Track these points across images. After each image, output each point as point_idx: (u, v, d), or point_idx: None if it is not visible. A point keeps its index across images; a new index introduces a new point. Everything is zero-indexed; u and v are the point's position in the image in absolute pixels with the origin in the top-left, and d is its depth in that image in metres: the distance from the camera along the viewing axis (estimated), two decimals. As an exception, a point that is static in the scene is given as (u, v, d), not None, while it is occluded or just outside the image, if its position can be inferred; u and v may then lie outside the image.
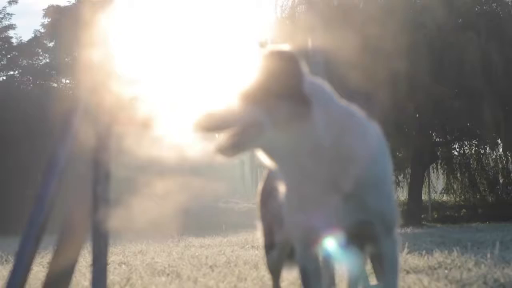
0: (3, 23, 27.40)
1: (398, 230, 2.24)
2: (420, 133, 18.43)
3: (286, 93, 1.92)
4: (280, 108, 1.91)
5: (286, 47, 1.98)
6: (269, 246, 2.89)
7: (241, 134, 1.92)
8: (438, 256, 5.54)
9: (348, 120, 2.03)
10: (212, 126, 1.93)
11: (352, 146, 2.01)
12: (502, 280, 3.79)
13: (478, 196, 21.17)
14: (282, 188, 2.18)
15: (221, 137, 1.95)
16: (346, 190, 2.03)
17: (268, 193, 2.72)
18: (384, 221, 2.15)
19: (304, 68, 2.01)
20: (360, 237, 2.18)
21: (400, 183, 21.00)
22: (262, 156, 2.03)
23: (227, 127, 1.93)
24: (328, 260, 2.26)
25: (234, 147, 1.94)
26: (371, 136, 2.10)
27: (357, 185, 2.03)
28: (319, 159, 1.97)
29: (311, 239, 2.14)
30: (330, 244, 2.16)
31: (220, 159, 1.94)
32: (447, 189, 22.06)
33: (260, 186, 2.94)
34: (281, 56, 1.96)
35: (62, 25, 24.66)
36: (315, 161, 1.97)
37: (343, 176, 2.01)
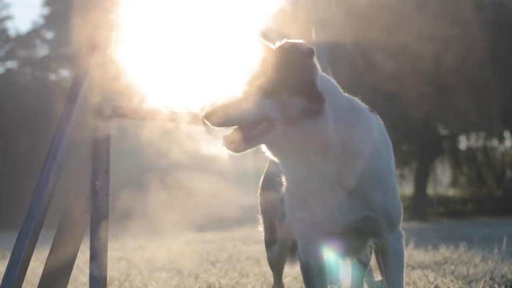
0: (1, 13, 27.29)
1: (402, 225, 2.21)
2: (425, 126, 18.33)
3: (300, 89, 1.88)
4: (293, 104, 1.87)
5: (301, 41, 1.92)
6: (271, 241, 2.84)
7: (252, 130, 1.88)
8: (444, 252, 5.49)
9: (354, 116, 2.00)
10: (223, 120, 1.87)
11: (358, 142, 1.98)
12: (509, 276, 3.73)
13: (484, 190, 21.07)
14: (284, 182, 2.14)
15: (230, 131, 1.90)
16: (351, 186, 2.00)
17: (269, 187, 2.67)
18: (388, 216, 2.11)
19: (317, 63, 1.96)
20: (364, 232, 2.15)
21: (405, 177, 20.93)
22: (267, 151, 1.98)
23: (238, 121, 1.87)
24: (331, 258, 2.23)
25: (244, 143, 1.89)
26: (375, 130, 2.08)
27: (361, 180, 2.00)
28: (326, 156, 1.95)
29: (314, 235, 2.11)
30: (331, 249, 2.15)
31: (229, 153, 1.89)
32: (453, 183, 21.98)
33: (261, 180, 2.89)
34: (297, 50, 1.91)
35: (62, 16, 24.62)
36: (322, 158, 1.95)
37: (348, 172, 1.98)
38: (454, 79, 16.20)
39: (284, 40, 1.94)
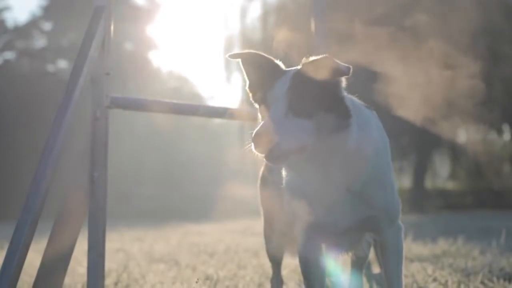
0: (-1, 4, 26.94)
1: (401, 218, 2.22)
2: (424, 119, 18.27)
3: (335, 106, 1.90)
4: (328, 122, 1.88)
5: (330, 57, 1.90)
6: (270, 233, 2.83)
7: (291, 149, 1.87)
8: (442, 244, 5.49)
9: (361, 122, 2.01)
10: (271, 148, 1.84)
11: (364, 146, 2.00)
12: (508, 269, 3.73)
13: (483, 183, 21.05)
14: (287, 180, 2.15)
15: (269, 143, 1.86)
16: (357, 189, 2.03)
17: (269, 178, 2.65)
18: (388, 212, 2.14)
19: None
20: (364, 229, 2.18)
21: (404, 170, 20.90)
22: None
23: (285, 148, 1.85)
24: (330, 252, 2.25)
25: (282, 157, 1.88)
26: (374, 130, 2.09)
27: (363, 181, 2.04)
28: (341, 165, 1.97)
29: (315, 233, 2.13)
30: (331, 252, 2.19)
31: (267, 162, 1.89)
32: (452, 176, 21.97)
33: (261, 170, 2.87)
34: (336, 69, 1.89)
35: (60, 7, 24.43)
36: (338, 166, 1.97)
37: (356, 176, 2.02)
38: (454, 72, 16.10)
39: (314, 57, 1.91)
